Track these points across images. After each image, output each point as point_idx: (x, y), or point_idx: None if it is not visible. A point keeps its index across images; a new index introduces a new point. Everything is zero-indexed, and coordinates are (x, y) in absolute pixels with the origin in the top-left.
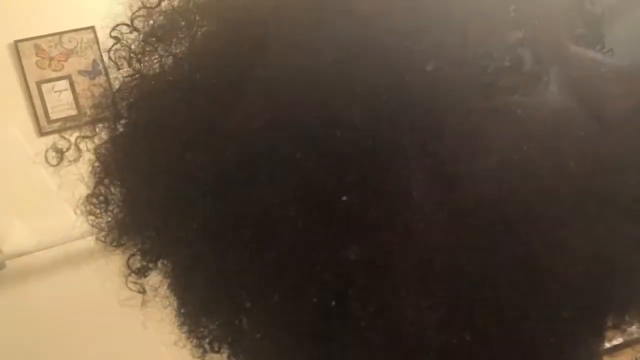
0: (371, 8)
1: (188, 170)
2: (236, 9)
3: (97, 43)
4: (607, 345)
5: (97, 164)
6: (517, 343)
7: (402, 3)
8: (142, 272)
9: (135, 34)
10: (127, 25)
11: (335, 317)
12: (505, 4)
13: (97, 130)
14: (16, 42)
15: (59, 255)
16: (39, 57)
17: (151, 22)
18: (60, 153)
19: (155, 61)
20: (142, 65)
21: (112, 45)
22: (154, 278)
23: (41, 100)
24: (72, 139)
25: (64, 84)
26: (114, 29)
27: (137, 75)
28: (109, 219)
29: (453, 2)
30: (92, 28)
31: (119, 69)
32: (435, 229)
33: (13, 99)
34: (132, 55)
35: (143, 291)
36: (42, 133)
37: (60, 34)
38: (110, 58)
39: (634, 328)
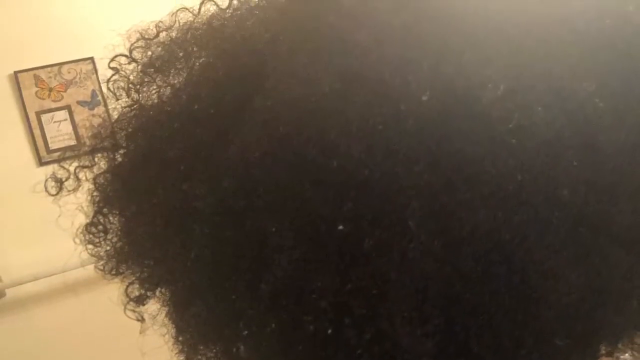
0: (367, 38)
1: (186, 199)
2: (233, 40)
3: (96, 74)
4: None
5: (96, 193)
6: None
7: (398, 33)
8: (140, 300)
9: (133, 64)
10: (125, 56)
11: (331, 345)
12: (500, 36)
13: (96, 160)
14: (16, 72)
15: (58, 283)
16: (38, 87)
17: (149, 53)
18: (60, 182)
19: (154, 91)
20: (140, 95)
21: (111, 76)
22: (152, 306)
23: (40, 130)
24: (71, 168)
25: (63, 114)
26: (112, 59)
27: (135, 106)
28: (108, 247)
29: (448, 32)
30: (91, 59)
31: (117, 99)
32: (430, 258)
33: (13, 128)
34: (130, 85)
35: (141, 319)
36: (41, 163)
37: (60, 64)
38: (109, 89)
39: (627, 356)
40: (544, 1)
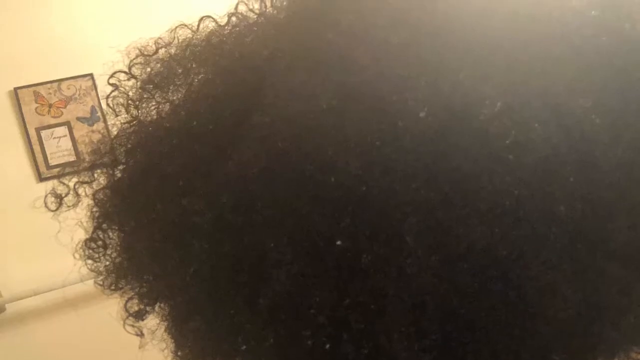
0: (365, 55)
1: (185, 215)
2: (232, 57)
3: (96, 90)
4: None
5: (95, 209)
6: None
7: (395, 50)
8: (139, 315)
9: (132, 81)
10: (124, 72)
11: None
12: (497, 53)
13: (96, 175)
14: (16, 89)
15: (58, 298)
16: (38, 103)
17: (148, 69)
18: (59, 198)
19: (153, 108)
20: (139, 111)
21: (110, 92)
22: (152, 321)
23: (40, 146)
24: (71, 184)
25: (62, 130)
26: (111, 76)
27: (134, 122)
28: (107, 263)
29: (445, 49)
30: (91, 75)
31: (117, 115)
32: (428, 273)
33: (13, 145)
34: (129, 102)
35: (141, 334)
36: (41, 179)
37: (59, 81)
38: (108, 105)
39: None
40: (541, 18)
